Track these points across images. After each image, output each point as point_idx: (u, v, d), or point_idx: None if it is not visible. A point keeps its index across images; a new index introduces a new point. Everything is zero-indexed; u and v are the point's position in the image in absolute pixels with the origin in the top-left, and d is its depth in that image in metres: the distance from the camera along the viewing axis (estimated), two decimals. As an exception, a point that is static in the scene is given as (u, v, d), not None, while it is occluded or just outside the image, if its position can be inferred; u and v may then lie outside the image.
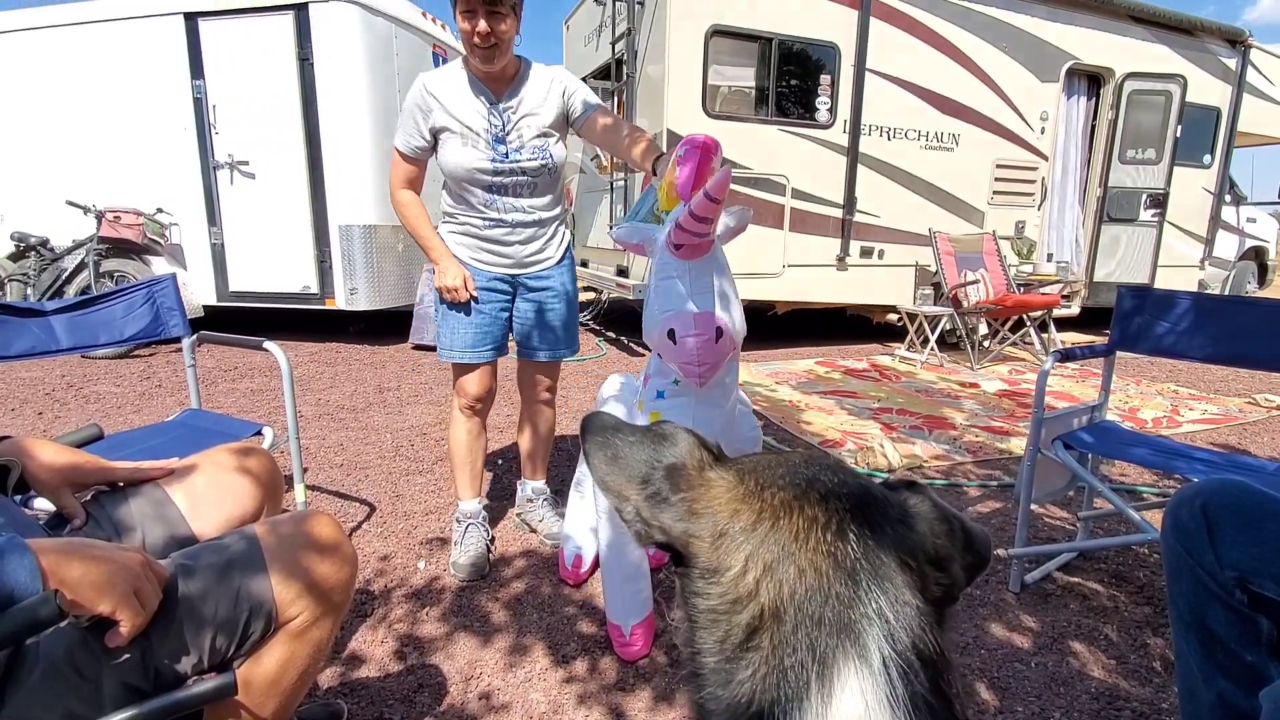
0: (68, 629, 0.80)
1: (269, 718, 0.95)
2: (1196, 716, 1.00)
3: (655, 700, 1.44)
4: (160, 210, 5.09)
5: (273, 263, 5.17)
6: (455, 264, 1.85)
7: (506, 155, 1.81)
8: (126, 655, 0.81)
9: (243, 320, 5.73)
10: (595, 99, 1.87)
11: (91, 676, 0.80)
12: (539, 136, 1.82)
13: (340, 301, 5.07)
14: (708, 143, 1.40)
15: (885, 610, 0.36)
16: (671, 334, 1.41)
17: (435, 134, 1.80)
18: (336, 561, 0.98)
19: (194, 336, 2.04)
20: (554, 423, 2.21)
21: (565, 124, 1.88)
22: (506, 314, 1.97)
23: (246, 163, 5.04)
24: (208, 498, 1.16)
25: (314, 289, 5.14)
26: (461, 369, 1.92)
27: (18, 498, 1.07)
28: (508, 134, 1.81)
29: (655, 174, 1.57)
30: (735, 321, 1.46)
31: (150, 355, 4.84)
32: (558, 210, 1.98)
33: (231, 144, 5.03)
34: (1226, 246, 7.85)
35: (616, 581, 1.57)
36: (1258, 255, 8.53)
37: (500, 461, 2.81)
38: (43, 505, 1.11)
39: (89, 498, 1.11)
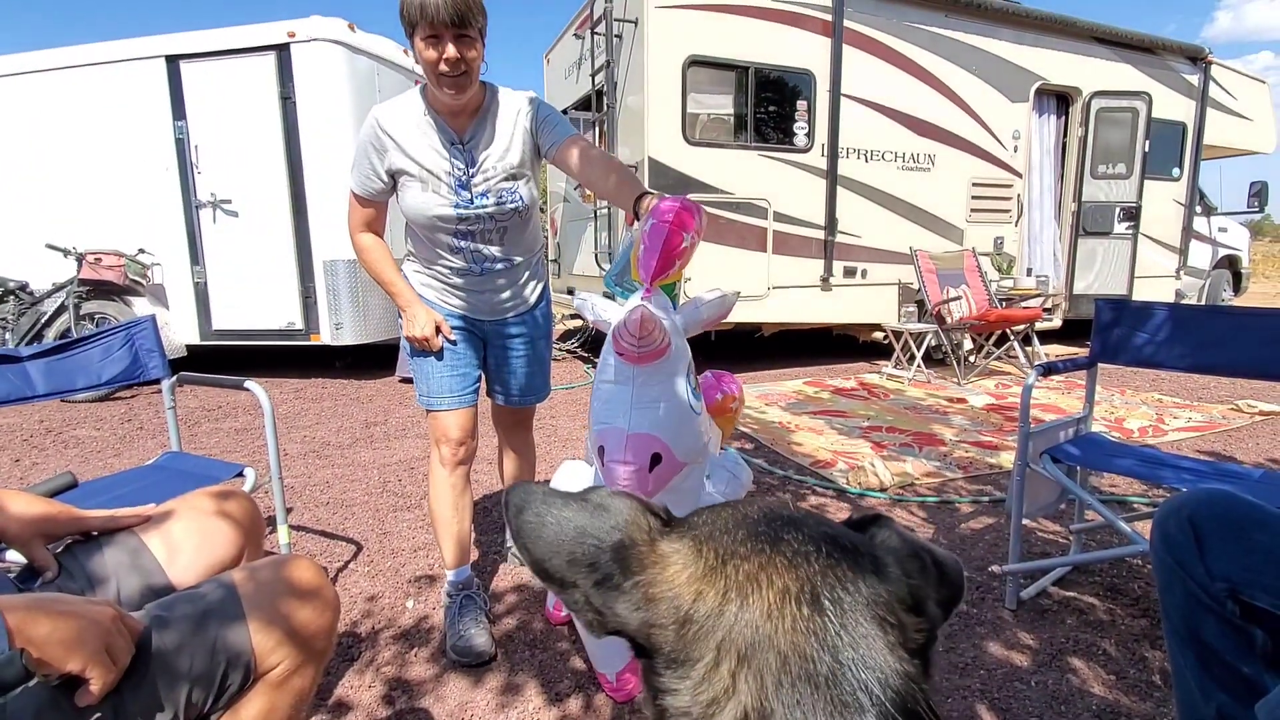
0: (35, 689, 0.77)
1: (249, 773, 0.91)
2: (1197, 732, 0.98)
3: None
4: (142, 251, 5.06)
5: (257, 300, 5.14)
6: (424, 310, 1.72)
7: (471, 201, 1.65)
8: (98, 715, 0.78)
9: (228, 358, 5.67)
10: (568, 127, 1.69)
11: (60, 738, 0.77)
12: (507, 179, 1.67)
13: (325, 337, 5.04)
14: (679, 217, 1.26)
15: (874, 688, 0.33)
16: (601, 451, 1.25)
17: (392, 175, 1.65)
18: (318, 607, 0.95)
19: (174, 378, 2.01)
20: (534, 452, 2.11)
21: (536, 157, 1.72)
22: (482, 354, 1.86)
23: (229, 201, 5.04)
24: (185, 545, 1.13)
25: (299, 325, 5.11)
26: (439, 417, 1.76)
27: (-13, 551, 1.04)
28: (472, 178, 1.65)
29: (636, 216, 1.43)
30: (685, 442, 1.27)
31: (132, 397, 4.78)
32: (532, 252, 1.84)
33: (214, 183, 5.03)
34: (1201, 256, 8.01)
35: (591, 639, 1.49)
36: (1231, 264, 8.71)
37: (486, 495, 2.78)
38: (14, 558, 1.08)
39: (62, 549, 1.08)
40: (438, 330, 1.73)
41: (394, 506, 2.69)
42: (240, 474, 1.76)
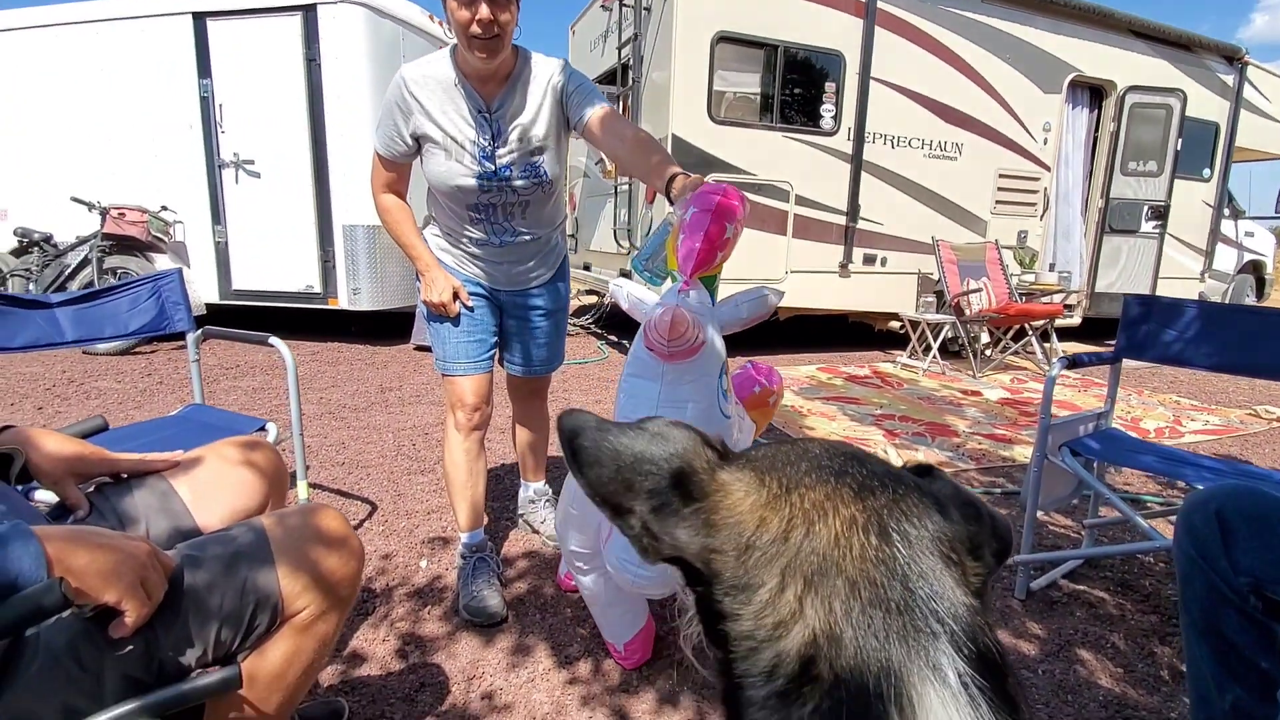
0: (70, 619, 0.79)
1: (272, 712, 0.93)
2: (1209, 723, 0.99)
3: (660, 702, 1.43)
4: (165, 208, 5.09)
5: (276, 262, 5.16)
6: (443, 275, 1.70)
7: (495, 173, 1.61)
8: (130, 647, 0.80)
9: (244, 319, 5.72)
10: (600, 98, 1.63)
11: (93, 668, 0.79)
12: (533, 152, 1.62)
13: (343, 301, 5.07)
14: (723, 206, 1.18)
15: (946, 617, 0.33)
16: None
17: (416, 139, 1.62)
18: (344, 555, 0.97)
19: (199, 331, 2.03)
20: (549, 423, 2.09)
21: (565, 128, 1.67)
22: (499, 322, 1.85)
23: (252, 161, 5.04)
24: (212, 491, 1.15)
25: (317, 289, 5.14)
26: (456, 382, 1.76)
27: (19, 488, 1.06)
28: (498, 149, 1.60)
29: (670, 199, 1.36)
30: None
31: (152, 352, 4.83)
32: (554, 226, 1.82)
33: (237, 143, 5.03)
34: (1225, 260, 7.87)
35: (600, 608, 1.50)
36: (1256, 269, 8.55)
37: (500, 463, 2.80)
38: (44, 497, 1.10)
39: (92, 489, 1.10)
40: (456, 296, 1.72)
41: (408, 470, 2.71)
42: (262, 429, 1.78)
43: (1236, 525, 0.94)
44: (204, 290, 5.21)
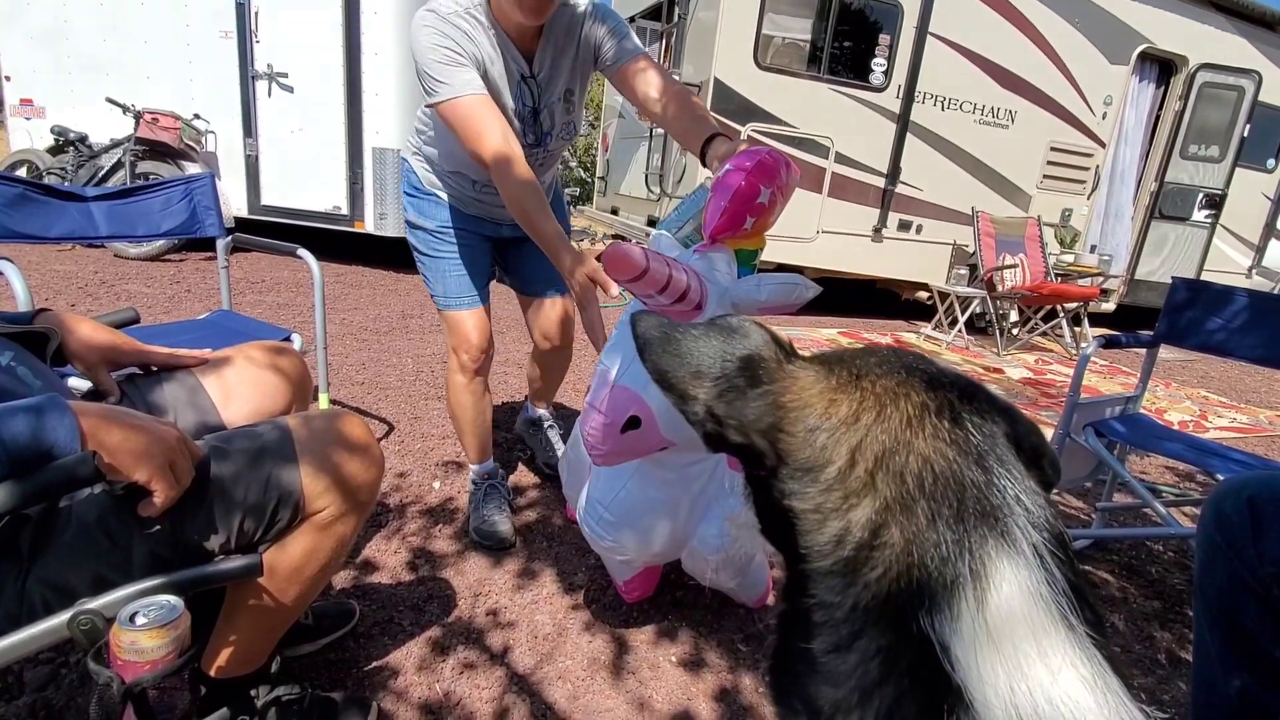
0: (101, 495, 0.81)
1: (289, 604, 0.97)
2: (1210, 706, 0.99)
3: (658, 634, 1.46)
4: (197, 116, 5.05)
5: (305, 180, 5.13)
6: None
7: (538, 141, 1.50)
8: (157, 527, 0.82)
9: (273, 235, 5.73)
10: (632, 42, 1.46)
11: (122, 543, 0.81)
12: (569, 109, 1.49)
13: (369, 225, 5.05)
14: (761, 166, 1.08)
15: (1021, 497, 0.33)
16: (590, 390, 1.15)
17: None
18: (365, 461, 0.98)
19: (229, 238, 2.03)
20: (570, 359, 1.99)
21: (592, 67, 1.50)
22: (493, 256, 1.73)
23: (286, 75, 4.96)
24: (239, 390, 1.17)
25: (344, 210, 5.11)
26: (461, 319, 1.65)
27: (55, 370, 1.08)
28: (541, 118, 1.47)
29: (704, 161, 1.27)
30: (675, 417, 1.10)
31: (180, 260, 4.88)
32: (559, 162, 1.70)
33: (272, 54, 4.94)
34: (1276, 257, 7.57)
35: (604, 553, 1.46)
36: (1308, 270, 8.22)
37: (509, 397, 2.82)
38: (77, 384, 1.12)
39: (124, 379, 1.12)
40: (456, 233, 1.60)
41: (426, 395, 2.75)
42: (287, 338, 1.80)
43: (1270, 514, 0.92)
44: (233, 203, 5.21)
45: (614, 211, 6.39)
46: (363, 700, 1.18)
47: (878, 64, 5.04)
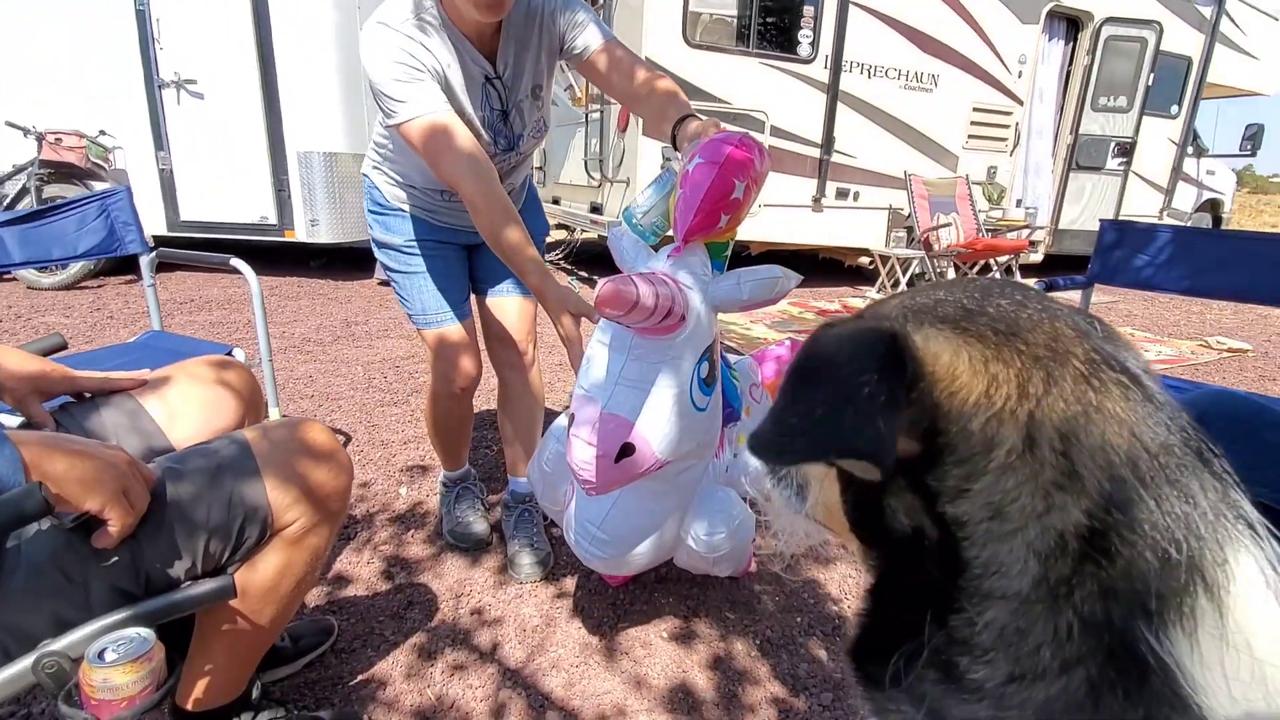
0: (50, 532, 0.76)
1: (266, 625, 0.93)
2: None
3: (647, 612, 1.46)
4: (103, 133, 4.74)
5: (227, 191, 4.88)
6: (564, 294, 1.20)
7: (510, 145, 1.41)
8: (115, 558, 0.77)
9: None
10: (598, 27, 1.35)
11: (79, 579, 0.76)
12: (537, 108, 1.40)
13: (301, 233, 4.85)
14: (734, 158, 1.01)
15: (1214, 461, 0.28)
16: (573, 419, 1.07)
17: None
18: (333, 468, 0.94)
19: (153, 253, 1.92)
20: (542, 397, 1.72)
21: (556, 57, 1.41)
22: (466, 255, 1.60)
23: (194, 81, 4.70)
24: (185, 410, 1.10)
25: (272, 220, 4.90)
26: (444, 340, 1.50)
27: (-22, 407, 1.00)
28: (511, 120, 1.38)
29: (675, 143, 1.21)
30: (669, 438, 1.06)
31: (99, 286, 4.60)
32: (530, 165, 1.61)
33: (178, 61, 4.67)
34: (1185, 198, 8.03)
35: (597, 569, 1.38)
36: (1213, 208, 8.75)
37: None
38: (6, 419, 1.04)
39: (56, 408, 1.04)
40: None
41: (381, 402, 2.67)
42: (229, 354, 1.71)
43: (1219, 429, 0.97)
44: (150, 222, 4.93)
45: (555, 201, 6.32)
46: (353, 715, 1.15)
47: (804, 36, 5.10)
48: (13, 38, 4.74)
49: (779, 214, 5.32)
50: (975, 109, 5.88)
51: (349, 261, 5.60)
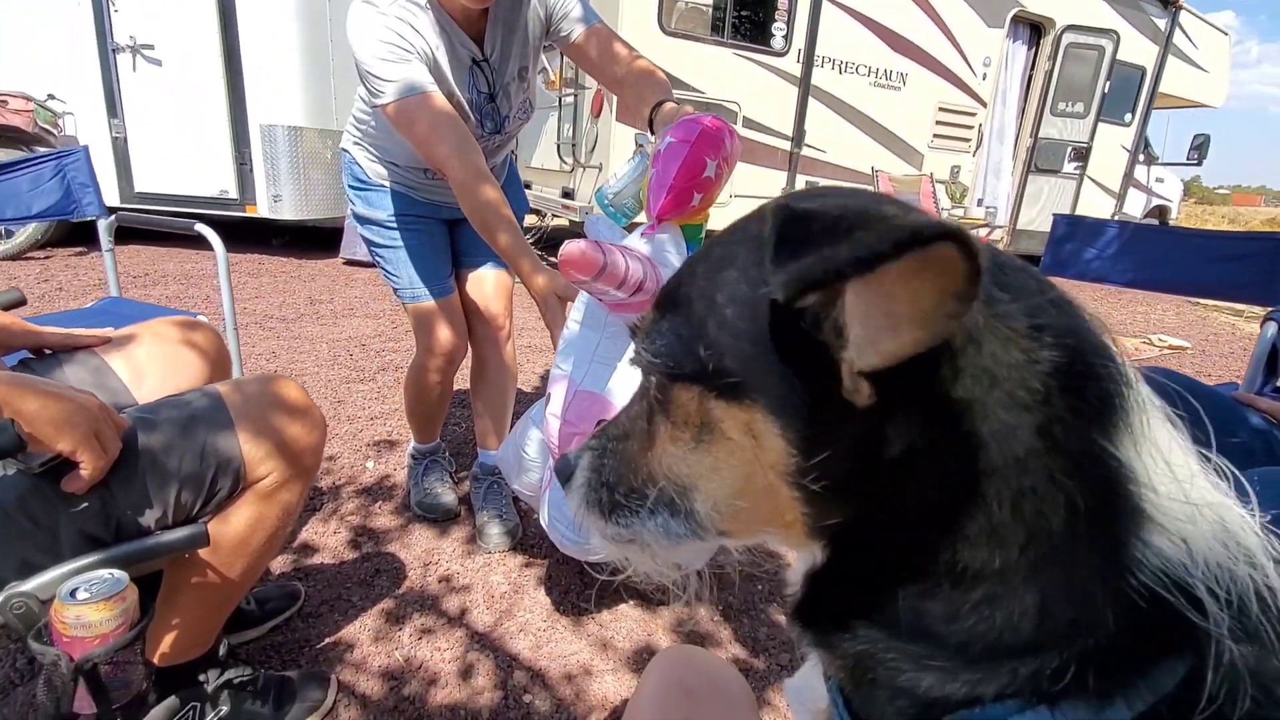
0: (16, 476, 0.75)
1: (235, 578, 0.93)
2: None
3: (615, 585, 1.49)
4: (52, 96, 4.54)
5: (185, 163, 4.73)
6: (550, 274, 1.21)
7: (497, 128, 1.42)
8: (85, 504, 0.77)
9: (149, 229, 5.27)
10: (585, 10, 1.37)
11: (47, 524, 0.76)
12: (524, 90, 1.42)
13: (263, 209, 4.73)
14: (706, 137, 1.03)
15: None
16: (549, 398, 1.08)
17: None
18: (306, 424, 0.95)
19: (111, 218, 1.86)
20: (515, 373, 1.72)
21: (542, 40, 1.42)
22: (448, 229, 1.60)
23: (151, 47, 4.53)
24: (151, 368, 1.09)
25: (233, 194, 4.76)
26: (430, 314, 1.51)
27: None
28: (499, 103, 1.38)
29: (652, 128, 1.22)
30: None
31: (47, 258, 4.42)
32: (513, 144, 1.62)
33: (133, 24, 4.49)
34: (1135, 203, 8.36)
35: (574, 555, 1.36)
36: (1161, 214, 9.13)
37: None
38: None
39: (16, 364, 1.02)
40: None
41: (347, 379, 2.64)
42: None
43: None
44: (103, 193, 4.74)
45: (527, 186, 6.26)
46: (321, 674, 1.15)
47: (778, 28, 5.15)
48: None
49: (749, 206, 5.30)
50: (941, 108, 6.02)
51: (313, 240, 5.47)
